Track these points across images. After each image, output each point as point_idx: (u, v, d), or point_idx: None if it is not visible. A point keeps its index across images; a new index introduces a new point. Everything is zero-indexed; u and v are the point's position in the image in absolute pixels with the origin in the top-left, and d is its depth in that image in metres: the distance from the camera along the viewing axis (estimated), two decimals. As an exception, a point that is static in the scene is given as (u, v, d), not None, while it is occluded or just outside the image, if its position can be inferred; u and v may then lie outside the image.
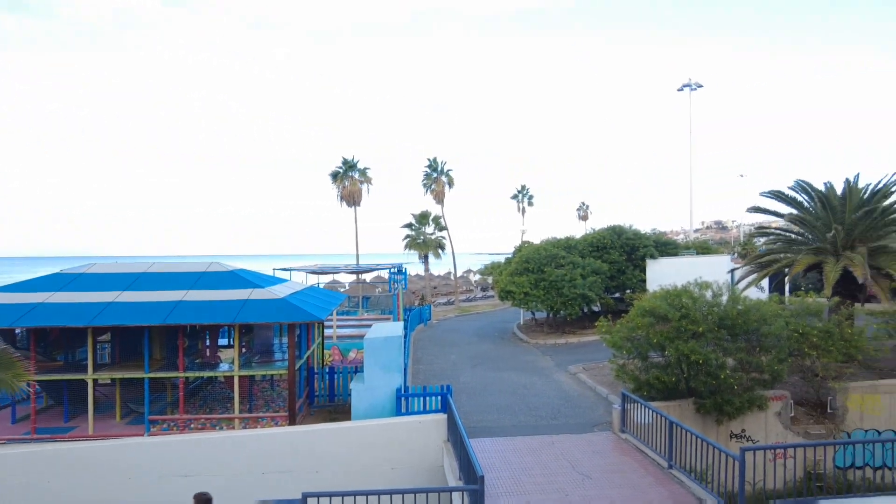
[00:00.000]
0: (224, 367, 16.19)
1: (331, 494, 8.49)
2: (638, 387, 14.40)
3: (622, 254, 31.24)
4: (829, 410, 14.68)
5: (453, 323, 39.43)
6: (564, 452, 12.81)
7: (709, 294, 14.23)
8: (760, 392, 13.85)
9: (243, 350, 17.17)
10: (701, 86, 56.28)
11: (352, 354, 23.41)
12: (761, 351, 13.62)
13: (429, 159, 51.50)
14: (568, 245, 31.93)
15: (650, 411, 12.63)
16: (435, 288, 67.67)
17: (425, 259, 50.08)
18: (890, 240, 17.17)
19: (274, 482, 12.87)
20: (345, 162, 47.34)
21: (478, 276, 73.50)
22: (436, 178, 51.40)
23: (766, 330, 13.12)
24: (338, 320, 30.27)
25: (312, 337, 18.31)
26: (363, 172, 47.35)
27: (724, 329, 13.26)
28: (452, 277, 60.82)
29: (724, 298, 14.11)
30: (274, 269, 27.04)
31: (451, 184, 51.84)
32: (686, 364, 13.46)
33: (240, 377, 15.09)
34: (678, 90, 56.58)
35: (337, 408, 17.27)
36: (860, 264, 16.34)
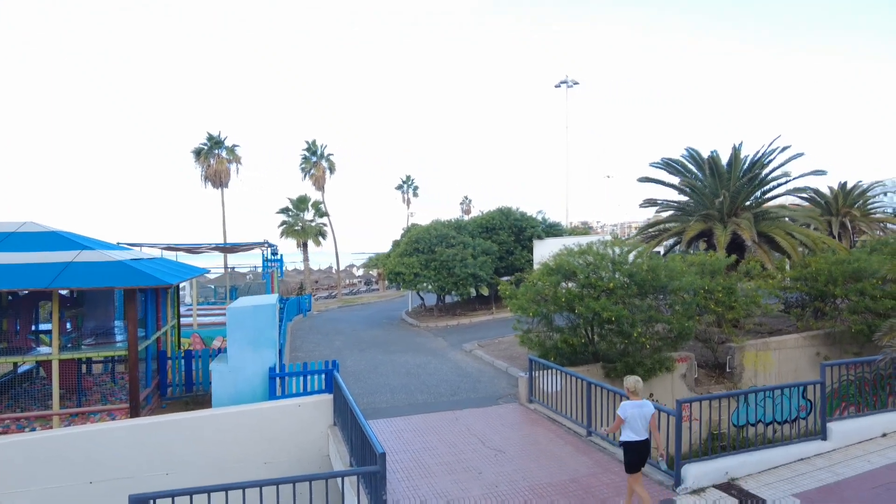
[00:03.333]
0: (43, 350, 12.59)
1: (172, 494, 6.07)
2: (544, 353, 13.21)
3: (510, 234, 30.67)
4: (727, 370, 14.53)
5: (336, 313, 36.79)
6: (471, 427, 11.21)
7: (615, 251, 13.39)
8: (668, 353, 13.24)
9: (69, 330, 13.61)
10: (577, 83, 58.29)
11: (216, 342, 20.18)
12: (670, 309, 13.00)
13: (307, 142, 48.02)
14: (458, 226, 30.77)
15: (562, 377, 11.43)
16: (316, 282, 63.99)
17: (304, 248, 46.64)
18: (772, 206, 17.62)
19: (105, 492, 9.89)
20: (210, 138, 42.49)
21: (361, 271, 70.83)
22: (315, 162, 48.08)
23: (676, 285, 12.49)
24: (200, 309, 26.51)
25: (164, 316, 15.11)
26: (231, 150, 42.70)
27: (634, 285, 12.43)
28: (335, 270, 57.65)
29: (632, 256, 13.34)
30: (118, 242, 22.84)
31: (332, 169, 48.78)
32: (597, 323, 12.45)
33: (61, 362, 11.71)
34: (555, 86, 58.12)
35: (196, 398, 14.32)
36: (747, 228, 16.56)
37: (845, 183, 33.89)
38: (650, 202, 20.22)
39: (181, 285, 21.70)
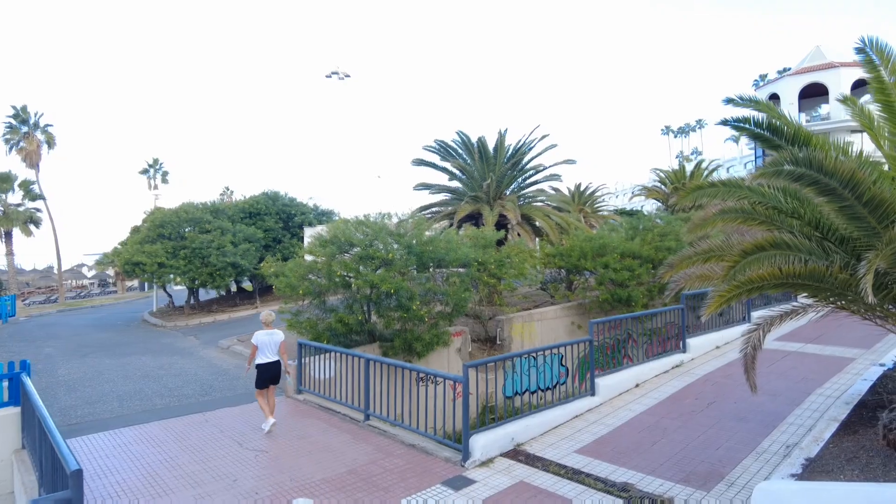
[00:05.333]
0: None
1: None
2: (316, 336, 11.66)
3: (278, 221, 28.18)
4: (498, 342, 14.77)
5: (55, 318, 29.72)
6: (225, 429, 9.13)
7: (393, 222, 12.51)
8: (445, 328, 12.81)
9: None
10: (349, 76, 57.58)
11: None
12: (446, 282, 12.57)
13: (14, 107, 38.42)
14: (216, 209, 27.05)
15: (337, 360, 10.08)
16: (27, 284, 51.74)
17: (7, 239, 36.97)
18: (532, 190, 18.69)
19: None
20: None
21: (94, 272, 59.59)
22: (26, 133, 38.62)
23: (454, 256, 12.08)
24: None
25: None
26: None
27: (413, 257, 11.66)
28: (56, 270, 47.02)
29: (409, 224, 12.60)
30: None
31: (50, 144, 39.69)
32: (374, 298, 11.36)
33: None
34: (326, 77, 56.57)
35: None
36: (512, 210, 17.28)
37: (580, 184, 39.54)
38: (424, 185, 20.14)
39: None
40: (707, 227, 6.19)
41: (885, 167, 5.15)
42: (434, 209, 19.66)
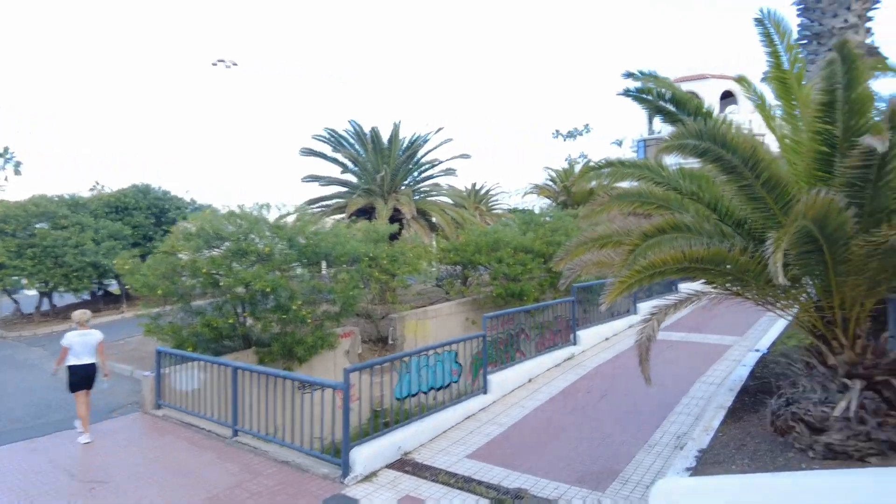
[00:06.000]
0: None
1: None
2: (180, 343, 10.27)
3: (149, 217, 25.44)
4: (390, 342, 14.02)
5: None
6: (57, 458, 7.62)
7: (272, 214, 11.36)
8: (332, 329, 11.84)
9: None
10: (236, 64, 54.14)
11: None
12: (333, 279, 11.61)
13: None
14: (74, 203, 23.84)
15: (203, 369, 8.84)
16: None
17: None
18: (428, 185, 18.16)
19: None
20: None
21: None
22: None
23: (341, 251, 11.14)
24: None
25: None
26: None
27: (295, 251, 10.59)
28: None
29: (292, 219, 11.51)
30: None
31: None
32: (249, 299, 10.17)
33: None
34: (212, 64, 52.85)
35: None
36: (407, 204, 16.64)
37: (475, 183, 40.01)
38: (313, 177, 18.89)
39: None
40: (603, 213, 5.86)
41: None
42: (325, 203, 18.52)
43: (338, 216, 16.71)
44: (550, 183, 31.18)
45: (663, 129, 22.50)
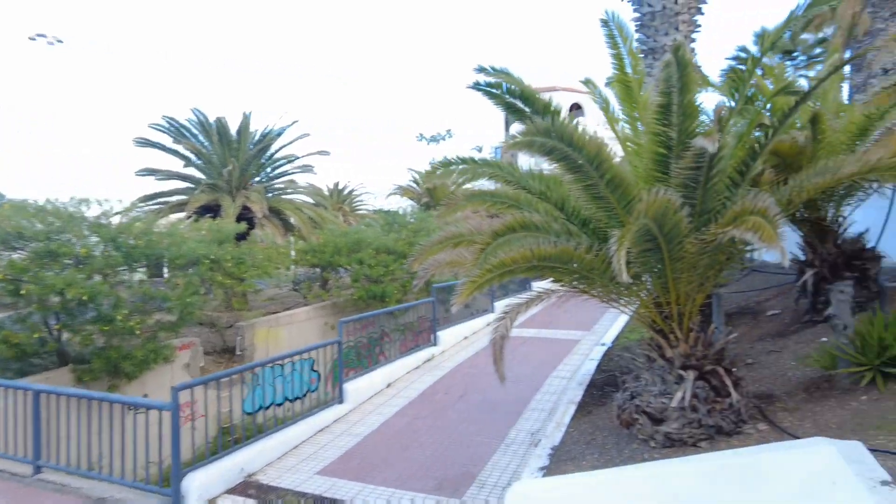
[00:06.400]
0: None
1: None
2: (-31, 364, 8.49)
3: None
4: (238, 352, 12.92)
5: None
6: None
7: (93, 210, 9.86)
8: (168, 341, 10.57)
9: None
10: (60, 41, 47.55)
11: None
12: (169, 284, 10.37)
13: None
14: None
15: (-3, 393, 7.33)
16: None
17: None
18: (283, 182, 17.18)
19: None
20: None
21: None
22: None
23: (176, 252, 9.95)
24: None
25: None
26: None
27: (121, 253, 9.25)
28: None
29: (118, 219, 10.08)
30: None
31: None
32: (61, 307, 8.67)
33: None
34: (30, 39, 45.91)
35: None
36: (258, 201, 15.57)
37: (338, 183, 39.00)
38: (149, 171, 16.86)
39: None
40: (458, 211, 5.70)
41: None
42: (163, 199, 16.67)
43: (179, 214, 15.10)
44: (414, 185, 31.31)
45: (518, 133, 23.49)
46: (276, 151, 17.50)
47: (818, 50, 15.48)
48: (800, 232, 7.47)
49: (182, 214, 16.05)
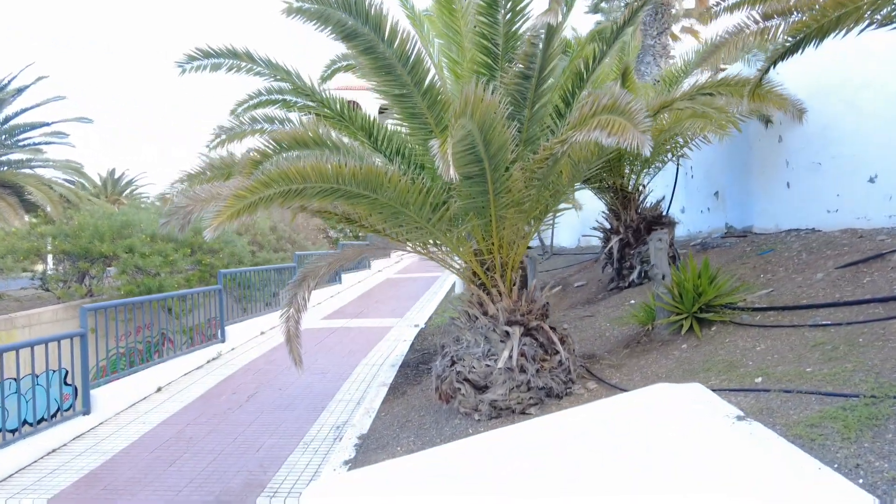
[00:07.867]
0: None
1: None
2: None
3: None
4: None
5: None
6: None
7: None
8: None
9: None
10: None
11: None
12: None
13: None
14: None
15: None
16: None
17: None
18: (25, 153, 13.69)
19: None
20: None
21: None
22: None
23: None
24: None
25: None
26: None
27: None
28: None
29: None
30: None
31: None
32: None
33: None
34: None
35: None
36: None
37: (114, 170, 33.77)
38: None
39: None
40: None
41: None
42: None
43: None
44: (205, 171, 28.05)
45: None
46: (15, 115, 13.80)
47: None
48: (604, 200, 7.56)
49: None
